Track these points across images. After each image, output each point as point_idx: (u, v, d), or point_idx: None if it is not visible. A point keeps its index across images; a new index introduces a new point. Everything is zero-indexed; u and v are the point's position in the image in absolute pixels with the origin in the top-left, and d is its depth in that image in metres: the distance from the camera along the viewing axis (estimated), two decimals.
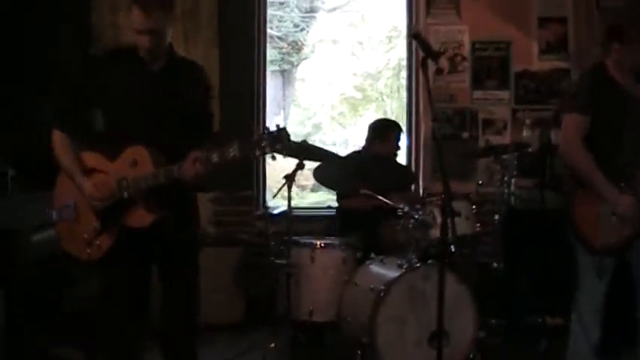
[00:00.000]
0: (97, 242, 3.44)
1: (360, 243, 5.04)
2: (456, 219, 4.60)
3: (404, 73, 7.09)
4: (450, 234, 3.80)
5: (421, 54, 3.62)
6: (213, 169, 3.22)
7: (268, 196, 6.43)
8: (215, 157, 3.19)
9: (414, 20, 6.40)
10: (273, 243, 5.28)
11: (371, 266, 4.81)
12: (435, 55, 3.74)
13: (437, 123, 4.93)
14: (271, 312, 5.18)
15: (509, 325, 5.29)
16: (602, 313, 3.93)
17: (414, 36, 3.87)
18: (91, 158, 3.50)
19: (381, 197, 4.96)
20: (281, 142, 3.11)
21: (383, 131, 5.61)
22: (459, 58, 6.29)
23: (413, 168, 6.44)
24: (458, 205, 4.85)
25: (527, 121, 6.17)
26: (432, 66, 6.13)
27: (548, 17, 6.34)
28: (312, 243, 4.96)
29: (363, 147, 5.68)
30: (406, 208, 4.88)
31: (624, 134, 3.82)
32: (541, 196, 4.99)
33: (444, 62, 6.19)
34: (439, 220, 4.76)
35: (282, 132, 3.13)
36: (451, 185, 5.56)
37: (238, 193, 6.12)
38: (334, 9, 10.46)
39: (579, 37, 6.35)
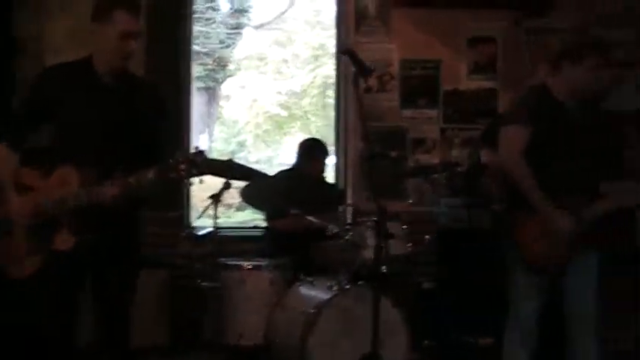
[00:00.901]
0: (27, 261, 3.34)
1: (289, 264, 4.93)
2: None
3: (330, 92, 7.03)
4: (383, 255, 3.73)
5: (352, 71, 3.55)
6: (133, 192, 3.17)
7: (194, 216, 6.24)
8: (132, 181, 3.14)
9: (343, 38, 6.33)
10: (199, 265, 5.12)
11: (301, 288, 4.71)
12: (368, 72, 3.66)
13: (368, 142, 4.87)
14: (199, 336, 5.02)
15: (441, 346, 5.23)
16: (535, 335, 3.91)
17: (347, 52, 3.79)
18: (28, 175, 3.41)
19: (310, 218, 4.87)
20: (197, 167, 3.06)
21: (312, 151, 5.53)
22: (387, 77, 6.24)
23: (341, 187, 6.35)
24: (389, 225, 4.79)
25: (457, 140, 6.17)
26: (360, 84, 6.11)
27: (478, 37, 6.36)
28: (240, 265, 4.84)
29: (292, 166, 5.58)
30: (336, 229, 4.81)
31: (562, 153, 3.81)
32: (469, 216, 4.97)
33: (372, 80, 6.13)
34: (369, 240, 4.72)
35: (199, 156, 3.06)
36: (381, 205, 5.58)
37: (163, 214, 5.91)
38: (261, 26, 10.38)
39: (508, 58, 6.38)
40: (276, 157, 11.24)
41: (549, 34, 6.36)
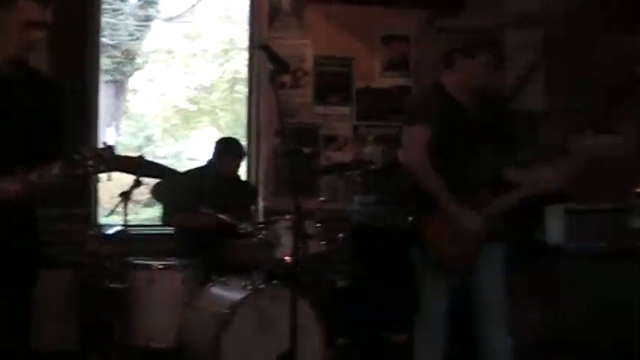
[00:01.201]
0: None
1: (201, 264, 4.82)
2: (289, 241, 4.53)
3: (239, 87, 6.94)
4: (300, 254, 3.69)
5: (269, 67, 3.48)
6: (36, 189, 3.02)
7: (102, 213, 6.04)
8: (34, 177, 2.97)
9: (256, 33, 6.24)
10: (107, 265, 4.96)
11: (213, 288, 4.62)
12: (286, 69, 3.60)
13: (282, 138, 4.81)
14: (108, 338, 4.85)
15: (355, 344, 5.22)
16: (444, 332, 3.94)
17: (263, 48, 3.70)
18: None
19: (222, 216, 4.78)
20: (106, 163, 2.92)
21: (228, 149, 5.41)
22: (301, 73, 6.20)
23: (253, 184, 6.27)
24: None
25: (370, 138, 6.17)
26: (277, 80, 6.04)
27: (391, 35, 6.38)
28: (149, 264, 4.71)
29: (206, 164, 5.46)
30: (249, 228, 4.74)
31: (463, 151, 3.82)
32: (385, 213, 4.97)
33: (286, 77, 6.06)
34: (283, 239, 4.67)
35: (106, 151, 2.93)
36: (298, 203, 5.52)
37: (70, 211, 5.70)
38: (170, 19, 10.16)
39: (421, 56, 6.42)
40: (185, 151, 11.05)
41: (461, 33, 6.43)
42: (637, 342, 4.66)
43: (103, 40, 6.84)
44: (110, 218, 5.55)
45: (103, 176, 3.19)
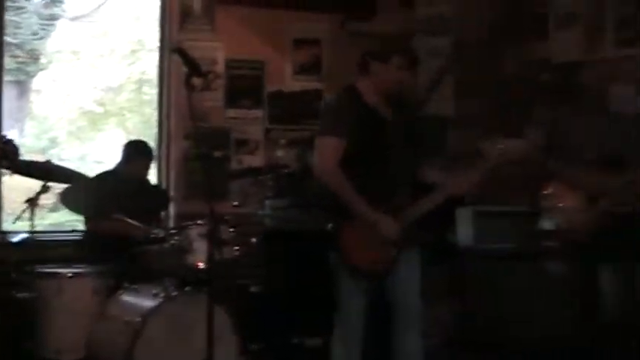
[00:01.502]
0: None
1: (111, 271, 4.70)
2: (202, 247, 4.47)
3: (146, 88, 6.82)
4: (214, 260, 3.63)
5: (184, 70, 3.42)
6: None
7: (6, 220, 5.82)
8: None
9: (166, 34, 6.13)
10: (14, 274, 4.78)
11: (124, 296, 4.52)
12: (201, 72, 3.54)
13: (193, 142, 4.73)
14: (15, 351, 4.68)
15: (269, 348, 5.20)
16: (361, 335, 3.96)
17: (177, 51, 3.63)
18: None
19: (132, 222, 4.69)
20: (7, 158, 2.82)
21: (137, 152, 5.30)
22: (212, 76, 6.13)
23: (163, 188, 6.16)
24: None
25: (282, 141, 6.14)
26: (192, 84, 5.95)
27: (303, 39, 6.38)
28: (58, 273, 4.57)
29: (115, 168, 5.33)
30: (161, 233, 4.66)
31: (379, 157, 3.85)
32: (299, 217, 4.96)
33: (196, 79, 5.96)
34: (196, 245, 4.60)
35: (8, 145, 2.83)
36: (204, 207, 5.45)
37: None
38: (76, 18, 9.90)
39: (332, 59, 6.44)
40: (90, 154, 10.79)
41: (372, 38, 6.49)
42: (543, 342, 4.78)
43: (6, 39, 6.61)
44: (16, 225, 5.36)
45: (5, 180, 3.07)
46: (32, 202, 4.48)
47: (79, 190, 4.84)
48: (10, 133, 8.62)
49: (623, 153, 4.93)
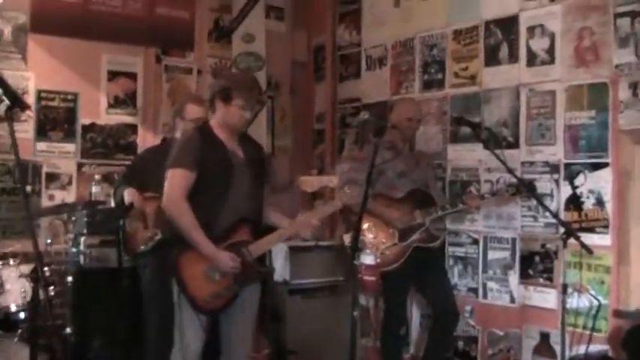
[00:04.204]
0: None
1: None
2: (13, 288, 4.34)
3: None
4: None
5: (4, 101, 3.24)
6: None
7: None
8: None
9: None
10: None
11: None
12: (23, 105, 3.36)
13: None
14: None
15: None
16: None
17: None
18: None
19: None
20: None
21: None
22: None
23: None
24: (24, 269, 4.52)
25: (97, 177, 5.94)
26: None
27: (118, 71, 6.25)
28: None
29: None
30: None
31: (226, 191, 3.89)
32: (118, 254, 4.79)
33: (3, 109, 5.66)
34: (8, 286, 4.38)
35: None
36: (13, 245, 5.18)
37: None
38: None
39: (148, 93, 6.36)
40: None
41: (187, 73, 6.51)
42: None
43: None
44: None
45: None
46: None
47: None
48: None
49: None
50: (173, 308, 3.89)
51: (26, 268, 4.60)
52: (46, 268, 4.64)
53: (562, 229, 4.34)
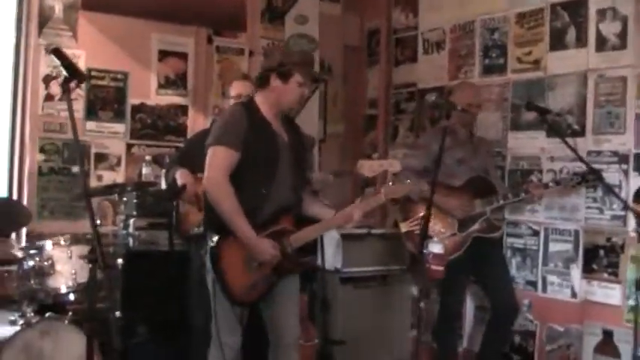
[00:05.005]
0: None
1: None
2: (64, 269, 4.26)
3: None
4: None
5: (60, 73, 3.12)
6: None
7: None
8: None
9: (23, 39, 5.66)
10: None
11: None
12: (82, 76, 3.22)
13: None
14: None
15: None
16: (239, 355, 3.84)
17: (54, 52, 3.30)
18: None
19: None
20: None
21: None
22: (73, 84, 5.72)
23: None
24: (74, 250, 4.43)
25: (148, 158, 5.83)
26: (42, 91, 5.55)
27: (169, 51, 6.13)
28: None
29: None
30: (20, 254, 4.30)
31: (272, 174, 3.71)
32: (169, 237, 4.68)
33: (55, 88, 5.59)
34: (59, 266, 4.29)
35: None
36: (61, 225, 5.10)
37: None
38: None
39: (199, 74, 6.24)
40: None
41: (239, 54, 6.38)
42: None
43: None
44: None
45: None
46: None
47: None
48: None
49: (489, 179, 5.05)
50: None
51: (76, 250, 4.51)
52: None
53: (633, 224, 4.16)
